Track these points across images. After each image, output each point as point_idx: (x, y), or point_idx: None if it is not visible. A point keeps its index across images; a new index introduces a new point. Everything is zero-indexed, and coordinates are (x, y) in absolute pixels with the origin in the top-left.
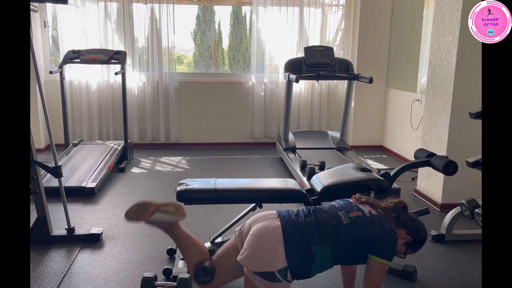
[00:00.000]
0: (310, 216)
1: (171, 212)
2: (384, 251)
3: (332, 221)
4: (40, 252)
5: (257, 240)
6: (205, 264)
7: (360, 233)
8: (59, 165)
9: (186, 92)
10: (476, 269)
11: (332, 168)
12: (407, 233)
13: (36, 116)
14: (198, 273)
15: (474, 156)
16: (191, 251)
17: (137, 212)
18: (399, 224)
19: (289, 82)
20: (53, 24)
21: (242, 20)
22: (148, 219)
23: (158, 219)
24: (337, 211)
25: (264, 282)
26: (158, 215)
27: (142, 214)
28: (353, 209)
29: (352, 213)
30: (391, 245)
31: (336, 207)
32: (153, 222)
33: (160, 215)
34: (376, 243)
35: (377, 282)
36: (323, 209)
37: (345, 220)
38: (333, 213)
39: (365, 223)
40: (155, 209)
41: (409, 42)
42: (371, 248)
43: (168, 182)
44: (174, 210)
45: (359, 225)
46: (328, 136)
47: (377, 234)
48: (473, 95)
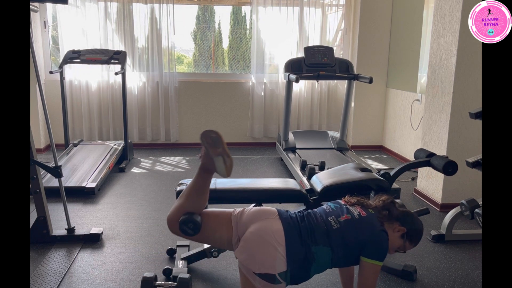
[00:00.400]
0: (304, 221)
1: (227, 166)
2: (374, 252)
3: (323, 226)
4: (40, 252)
5: (259, 241)
6: (196, 217)
7: (350, 237)
8: (59, 165)
9: (186, 92)
10: (476, 269)
11: (332, 168)
12: (400, 224)
13: (36, 116)
14: (186, 222)
15: (474, 156)
16: (196, 199)
17: (212, 141)
18: (391, 219)
19: (289, 82)
20: (53, 24)
21: (242, 20)
22: (213, 154)
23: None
24: (328, 216)
25: (263, 283)
26: (218, 160)
27: (212, 146)
28: (343, 213)
29: (342, 217)
30: (381, 246)
31: (327, 211)
32: (208, 159)
33: (219, 160)
34: (366, 245)
35: (371, 283)
36: (315, 214)
37: (335, 225)
38: (323, 219)
39: (355, 226)
40: (222, 153)
41: (409, 42)
42: (362, 250)
43: (168, 182)
44: (229, 166)
45: (349, 228)
46: (328, 136)
47: (366, 236)
48: (473, 95)
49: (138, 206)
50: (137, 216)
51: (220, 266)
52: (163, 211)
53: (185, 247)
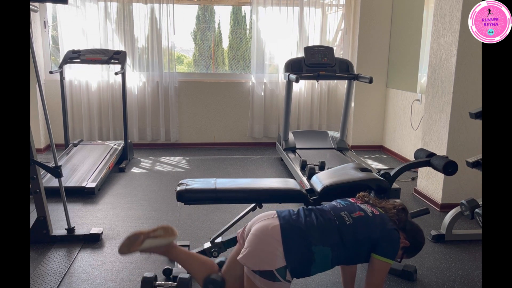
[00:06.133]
0: (311, 216)
1: (161, 236)
2: (387, 250)
3: (334, 221)
4: (40, 252)
5: (256, 239)
6: (212, 276)
7: (363, 233)
8: (59, 165)
9: (186, 92)
10: (476, 269)
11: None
12: (406, 237)
13: (36, 116)
14: (207, 286)
15: (474, 156)
16: (196, 266)
17: (128, 245)
18: (399, 226)
19: (289, 82)
20: (53, 24)
21: (242, 20)
22: (141, 248)
23: (150, 246)
24: (339, 211)
25: (263, 281)
26: (149, 242)
27: (133, 245)
28: (355, 209)
29: (355, 213)
30: (394, 244)
31: (338, 207)
32: (147, 250)
33: (151, 242)
34: (379, 242)
35: (380, 282)
36: (324, 209)
37: (348, 221)
38: (335, 213)
39: (368, 223)
40: (145, 237)
41: (409, 42)
42: (374, 248)
43: (168, 182)
44: (164, 233)
45: (362, 225)
46: (328, 136)
47: (380, 233)
48: (473, 95)
49: (138, 206)
50: (137, 216)
51: None
52: (163, 211)
53: (185, 247)
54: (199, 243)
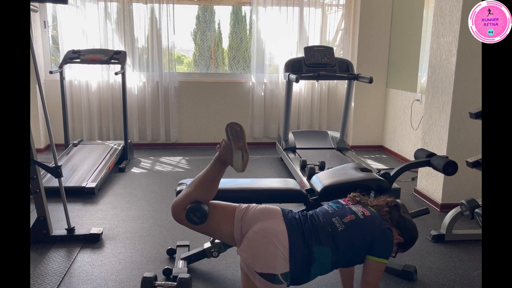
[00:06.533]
0: (307, 222)
1: (243, 161)
2: (381, 250)
3: (327, 228)
4: (40, 252)
5: (263, 241)
6: (204, 206)
7: (357, 237)
8: (59, 165)
9: (186, 92)
10: (476, 269)
11: (332, 168)
12: (400, 233)
13: (36, 116)
14: (194, 210)
15: (474, 156)
16: (207, 189)
17: (236, 133)
18: (392, 223)
19: (289, 82)
20: (53, 24)
21: (242, 20)
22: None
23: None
24: (331, 217)
25: (264, 282)
26: (237, 153)
27: (235, 139)
28: (346, 213)
29: (346, 218)
30: (387, 244)
31: (330, 212)
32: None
33: (238, 154)
34: (374, 243)
35: (376, 282)
36: (317, 215)
37: (340, 227)
38: (327, 220)
39: (360, 226)
40: (242, 147)
41: (409, 42)
42: (369, 249)
43: (168, 182)
44: (245, 161)
45: (355, 229)
46: (328, 136)
47: (374, 235)
48: (473, 95)
49: (138, 206)
50: (137, 216)
51: (220, 266)
52: (163, 211)
53: (185, 247)
54: (199, 243)
